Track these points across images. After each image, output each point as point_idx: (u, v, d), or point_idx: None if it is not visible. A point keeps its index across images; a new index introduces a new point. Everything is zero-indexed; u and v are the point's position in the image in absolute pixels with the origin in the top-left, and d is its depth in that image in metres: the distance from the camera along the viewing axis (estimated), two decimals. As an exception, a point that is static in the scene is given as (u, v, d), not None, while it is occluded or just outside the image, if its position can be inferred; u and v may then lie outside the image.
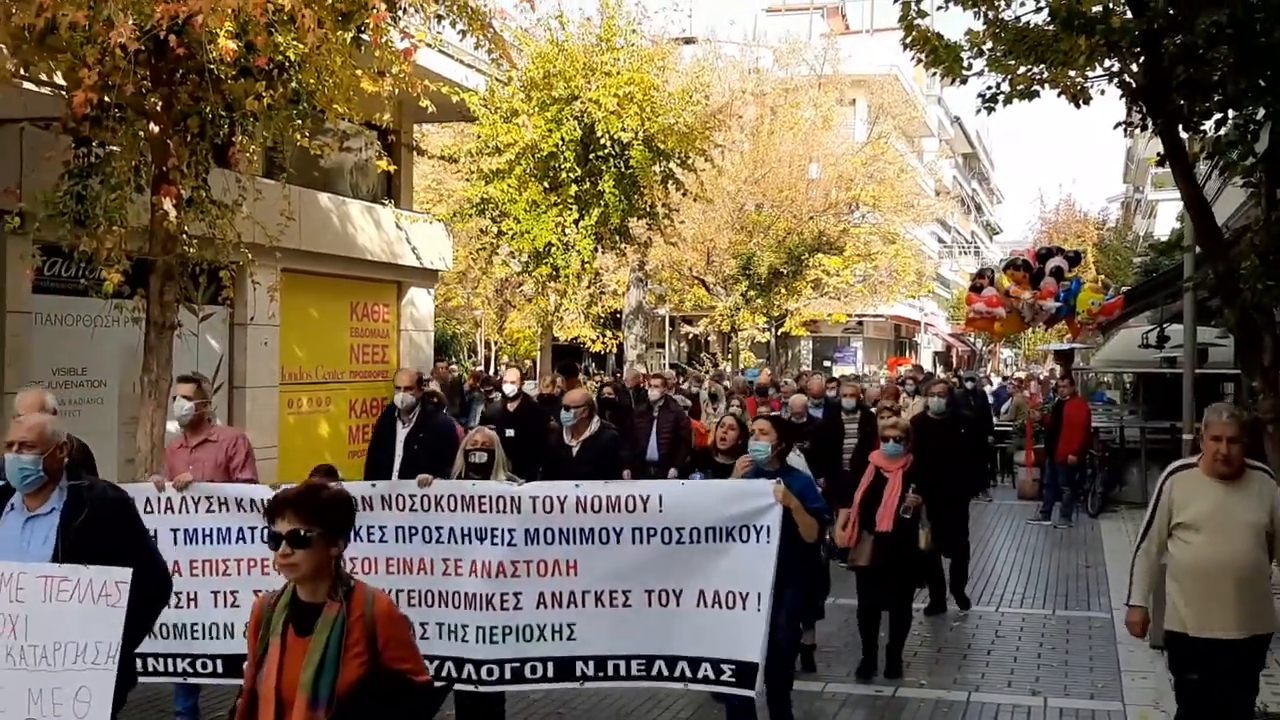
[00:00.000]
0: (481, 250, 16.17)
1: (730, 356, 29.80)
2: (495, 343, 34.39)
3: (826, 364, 42.58)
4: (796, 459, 8.68)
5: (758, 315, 27.63)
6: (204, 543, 6.25)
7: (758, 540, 5.88)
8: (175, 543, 6.18)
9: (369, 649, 3.36)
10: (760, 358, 32.43)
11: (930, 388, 10.84)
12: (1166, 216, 35.83)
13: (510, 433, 9.62)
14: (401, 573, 6.18)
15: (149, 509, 6.13)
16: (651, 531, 5.99)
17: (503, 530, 6.06)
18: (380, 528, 6.20)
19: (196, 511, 6.27)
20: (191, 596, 6.20)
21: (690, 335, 37.69)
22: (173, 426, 8.66)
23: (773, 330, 29.57)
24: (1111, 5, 7.93)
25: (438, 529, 6.17)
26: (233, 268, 9.11)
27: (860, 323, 43.01)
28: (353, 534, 5.76)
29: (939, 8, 8.84)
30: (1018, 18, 8.50)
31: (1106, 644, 8.70)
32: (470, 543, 6.11)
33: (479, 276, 19.60)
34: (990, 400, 21.36)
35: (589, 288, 17.99)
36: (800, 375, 17.16)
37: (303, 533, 3.32)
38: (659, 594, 6.01)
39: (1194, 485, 5.21)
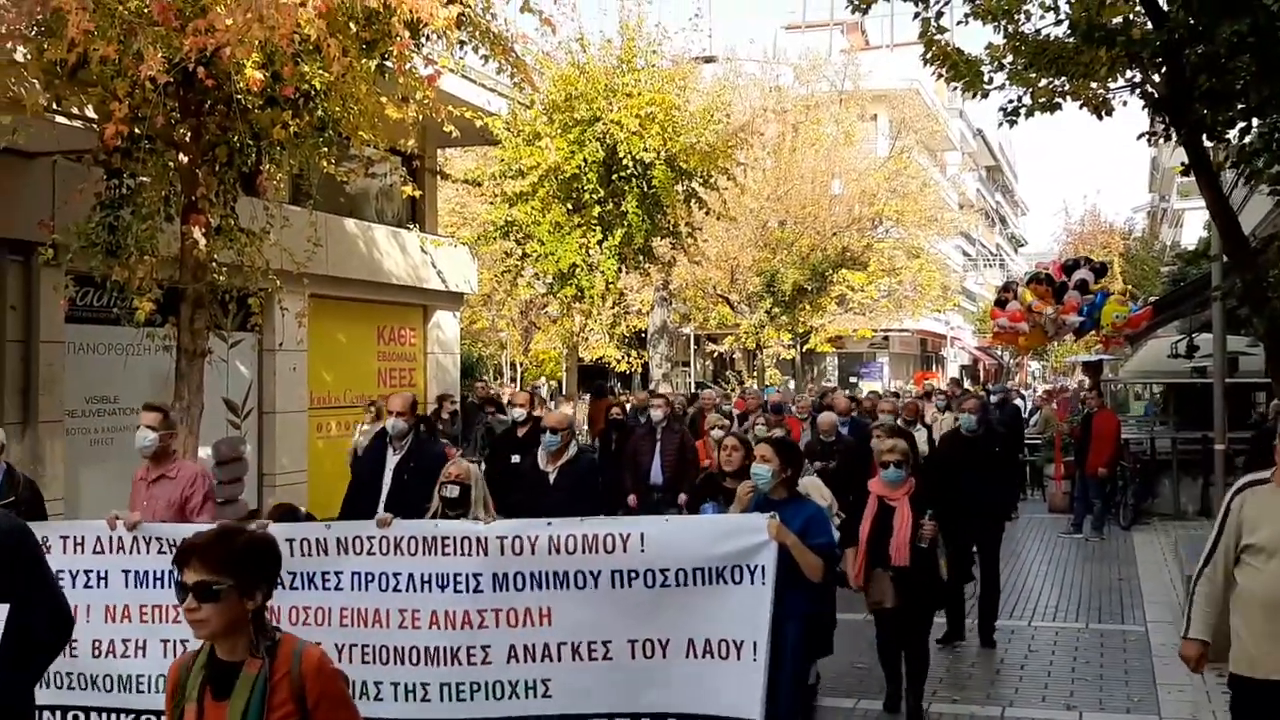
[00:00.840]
0: (506, 272, 16.29)
1: (756, 374, 29.77)
2: (521, 364, 34.53)
3: (853, 380, 42.49)
4: (816, 483, 8.56)
5: (783, 332, 27.61)
6: (154, 586, 5.72)
7: (752, 581, 5.31)
8: (126, 585, 5.76)
9: (298, 710, 2.99)
10: (786, 375, 32.42)
11: (962, 403, 10.11)
12: (1194, 225, 35.61)
13: (516, 459, 9.38)
14: (355, 625, 5.60)
15: (99, 549, 5.81)
16: (633, 574, 5.42)
17: (467, 575, 5.51)
18: (336, 573, 5.64)
19: (148, 552, 5.75)
20: (140, 645, 5.71)
21: (715, 353, 37.70)
22: (204, 453, 8.77)
23: (798, 347, 29.53)
24: (1132, 17, 7.94)
25: (395, 575, 5.60)
26: (261, 294, 9.21)
27: (886, 338, 42.91)
28: (307, 581, 5.63)
29: (959, 23, 8.88)
30: (1038, 31, 8.54)
31: (1142, 657, 8.61)
32: (431, 590, 5.54)
33: (504, 298, 19.76)
34: (1024, 414, 21.12)
35: (613, 308, 18.08)
36: (825, 393, 17.04)
37: (212, 585, 2.93)
38: (643, 644, 5.42)
39: (1268, 503, 4.52)
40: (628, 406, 13.47)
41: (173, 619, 5.54)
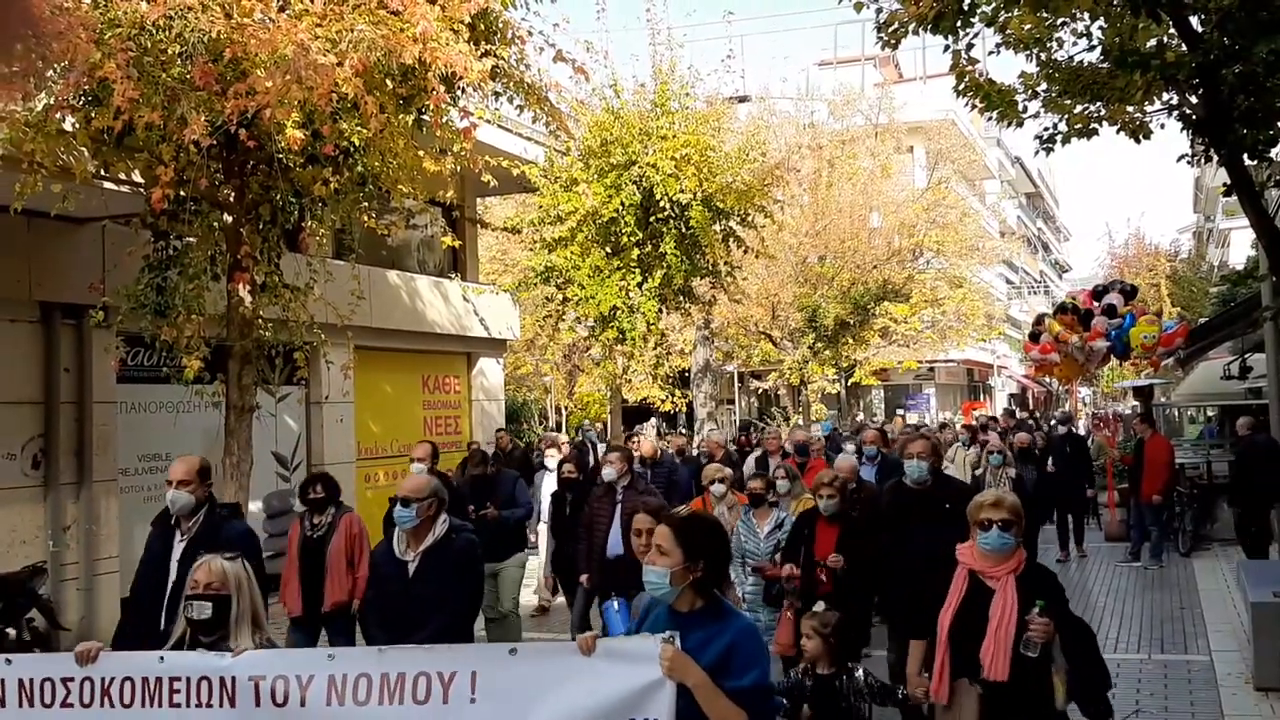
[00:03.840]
0: (548, 317, 16.36)
1: (801, 409, 29.64)
2: (565, 407, 34.63)
3: (900, 412, 42.15)
4: None
5: (826, 367, 27.49)
6: None
7: None
8: None
9: None
10: (832, 409, 32.25)
11: (907, 446, 7.67)
12: (1240, 245, 35.14)
13: None
14: None
15: None
16: None
17: None
18: None
19: None
20: None
21: (760, 390, 37.59)
22: (254, 506, 8.86)
23: (843, 381, 29.39)
24: (1165, 39, 7.91)
25: None
26: (307, 348, 9.32)
27: (931, 369, 42.58)
28: None
29: (990, 53, 8.88)
30: (1070, 57, 8.51)
31: (1208, 688, 8.41)
32: None
33: (546, 343, 19.81)
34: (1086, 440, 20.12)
35: (655, 349, 18.06)
36: (861, 427, 16.61)
37: None
38: None
39: None
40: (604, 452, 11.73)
41: None
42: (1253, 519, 13.03)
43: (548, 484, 10.77)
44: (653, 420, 31.11)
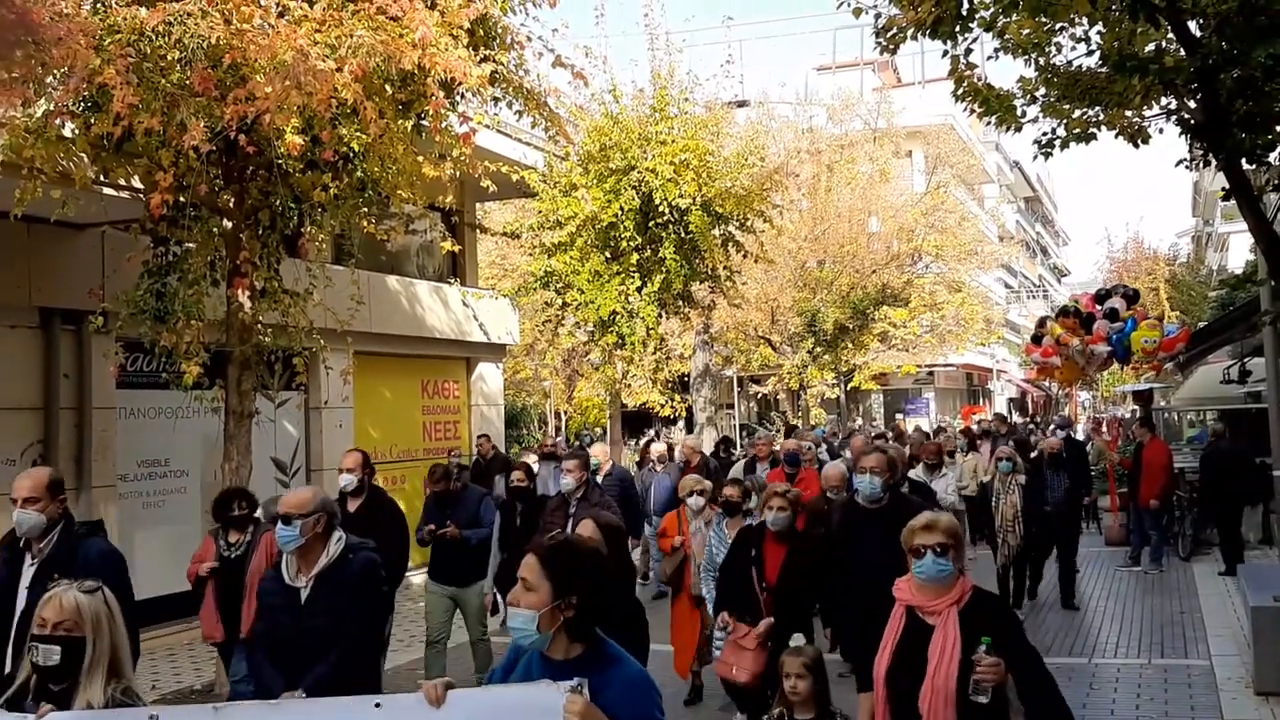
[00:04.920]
0: (547, 322, 16.37)
1: (800, 414, 29.63)
2: (565, 412, 34.63)
3: (899, 416, 42.16)
4: None
5: (826, 371, 27.49)
6: None
7: None
8: None
9: None
10: (831, 414, 32.22)
11: (860, 458, 6.95)
12: (1239, 249, 35.20)
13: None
14: None
15: None
16: None
17: None
18: None
19: None
20: None
21: (759, 395, 37.58)
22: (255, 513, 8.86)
23: (842, 386, 29.38)
24: (1164, 44, 7.91)
25: None
26: (306, 354, 9.32)
27: (931, 373, 42.56)
28: None
29: (989, 58, 8.88)
30: (1069, 62, 8.52)
31: (1208, 692, 8.40)
32: None
33: (546, 348, 19.83)
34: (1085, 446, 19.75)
35: (655, 353, 18.06)
36: (850, 434, 16.45)
37: None
38: None
39: None
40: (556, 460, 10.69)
41: None
42: (1225, 526, 13.31)
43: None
44: (680, 424, 31.03)
